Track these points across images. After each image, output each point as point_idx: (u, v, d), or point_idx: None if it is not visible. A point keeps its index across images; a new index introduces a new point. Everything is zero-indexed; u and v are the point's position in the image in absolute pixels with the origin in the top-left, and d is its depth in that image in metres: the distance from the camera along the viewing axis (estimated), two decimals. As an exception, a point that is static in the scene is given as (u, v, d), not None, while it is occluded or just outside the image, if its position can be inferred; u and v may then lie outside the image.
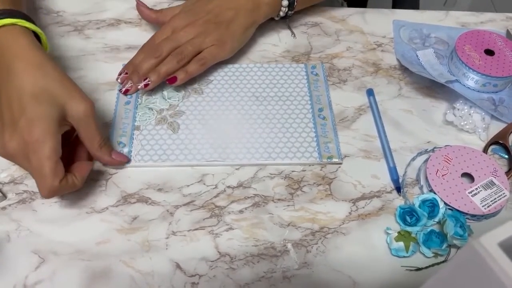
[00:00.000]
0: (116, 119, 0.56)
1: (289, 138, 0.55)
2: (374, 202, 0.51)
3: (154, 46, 0.58)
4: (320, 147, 0.54)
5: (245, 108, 0.58)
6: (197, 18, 0.59)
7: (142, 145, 0.54)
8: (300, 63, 0.63)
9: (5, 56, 0.45)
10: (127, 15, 0.68)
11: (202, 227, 0.49)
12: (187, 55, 0.57)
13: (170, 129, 0.55)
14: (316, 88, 0.60)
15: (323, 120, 0.57)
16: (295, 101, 0.59)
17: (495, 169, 0.52)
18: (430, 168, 0.52)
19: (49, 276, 0.45)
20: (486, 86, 0.61)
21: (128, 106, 0.57)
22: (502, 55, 0.62)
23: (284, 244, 0.48)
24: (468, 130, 0.58)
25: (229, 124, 0.56)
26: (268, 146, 0.54)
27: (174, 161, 0.53)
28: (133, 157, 0.53)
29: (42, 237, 0.47)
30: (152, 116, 0.56)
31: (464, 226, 0.47)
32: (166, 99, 0.58)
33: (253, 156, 0.53)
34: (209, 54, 0.58)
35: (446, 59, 0.65)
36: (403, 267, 0.47)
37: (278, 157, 0.53)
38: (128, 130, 0.55)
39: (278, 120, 0.57)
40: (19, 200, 0.49)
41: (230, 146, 0.54)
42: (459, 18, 0.72)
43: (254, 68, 0.62)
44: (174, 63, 0.56)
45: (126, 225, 0.48)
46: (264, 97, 0.59)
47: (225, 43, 0.59)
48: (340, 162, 0.54)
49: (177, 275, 0.45)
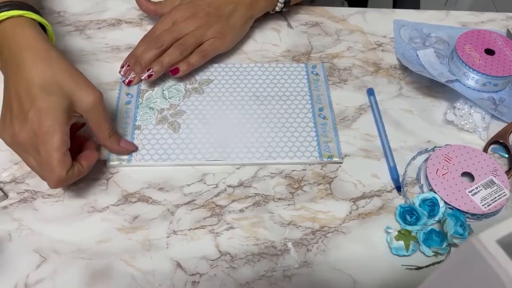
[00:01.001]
0: (117, 118, 0.56)
1: (290, 138, 0.55)
2: (375, 201, 0.51)
3: (155, 37, 0.58)
4: (321, 147, 0.54)
5: (246, 107, 0.58)
6: (198, 10, 0.59)
7: (143, 145, 0.54)
8: (300, 62, 0.63)
9: (12, 48, 0.45)
10: (128, 15, 0.68)
11: (202, 226, 0.49)
12: (189, 47, 0.58)
13: (171, 129, 0.55)
14: (316, 87, 0.60)
15: (323, 119, 0.57)
16: (295, 100, 0.59)
17: (495, 168, 0.52)
18: (430, 167, 0.52)
19: (50, 275, 0.45)
20: (486, 86, 0.61)
21: (129, 106, 0.57)
22: (502, 54, 0.62)
23: (285, 243, 0.48)
24: (468, 130, 0.58)
25: (230, 124, 0.56)
26: (269, 146, 0.54)
27: (174, 160, 0.53)
28: (134, 156, 0.53)
29: (43, 236, 0.47)
30: (152, 116, 0.56)
31: (464, 225, 0.47)
32: (166, 98, 0.58)
33: (253, 155, 0.53)
34: (210, 46, 0.59)
35: (446, 58, 0.65)
36: (403, 266, 0.47)
37: (278, 156, 0.53)
38: (129, 130, 0.55)
39: (279, 120, 0.57)
40: (20, 199, 0.50)
41: (231, 146, 0.54)
42: (460, 18, 0.72)
43: (254, 67, 0.62)
44: (177, 54, 0.57)
45: (127, 224, 0.48)
46: (265, 96, 0.59)
47: (225, 36, 0.60)
48: (341, 162, 0.54)
49: (178, 274, 0.45)
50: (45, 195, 0.50)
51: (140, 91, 0.59)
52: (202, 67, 0.61)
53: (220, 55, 0.62)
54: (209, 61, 0.61)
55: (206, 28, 0.58)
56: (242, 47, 0.65)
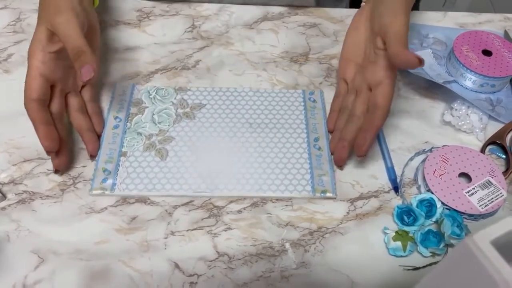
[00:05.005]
0: (103, 144, 0.54)
1: (282, 169, 0.53)
2: (372, 202, 0.52)
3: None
4: (314, 180, 0.52)
5: (238, 135, 0.55)
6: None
7: (128, 173, 0.52)
8: (297, 89, 0.61)
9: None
10: (126, 16, 0.68)
11: (200, 227, 0.49)
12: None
13: (158, 156, 0.53)
14: (313, 115, 0.58)
15: (318, 150, 0.54)
16: (290, 129, 0.56)
17: (493, 169, 0.52)
18: (427, 168, 0.52)
19: (49, 276, 0.45)
20: (484, 87, 0.61)
21: (116, 131, 0.55)
22: (499, 55, 0.62)
23: (282, 244, 0.48)
24: (465, 130, 0.58)
25: (220, 152, 0.54)
26: (259, 178, 0.52)
27: (160, 190, 0.50)
28: (118, 185, 0.50)
29: (41, 237, 0.47)
30: (140, 142, 0.54)
31: (461, 225, 0.48)
32: (156, 123, 0.56)
33: (243, 187, 0.51)
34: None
35: (444, 59, 0.65)
36: (401, 266, 0.47)
37: (269, 189, 0.51)
38: (115, 157, 0.53)
39: (272, 149, 0.54)
40: (18, 200, 0.50)
41: (219, 176, 0.52)
42: (457, 19, 0.72)
43: (249, 92, 0.60)
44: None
45: (125, 225, 0.49)
46: (258, 124, 0.57)
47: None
48: (334, 197, 0.51)
49: (176, 274, 0.46)
50: (44, 196, 0.50)
51: (129, 115, 0.57)
52: (196, 90, 0.59)
53: (217, 73, 0.62)
54: (203, 84, 0.60)
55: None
56: (240, 49, 0.65)
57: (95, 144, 0.53)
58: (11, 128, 0.55)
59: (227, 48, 0.65)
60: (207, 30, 0.67)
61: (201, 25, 0.68)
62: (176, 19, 0.68)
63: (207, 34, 0.67)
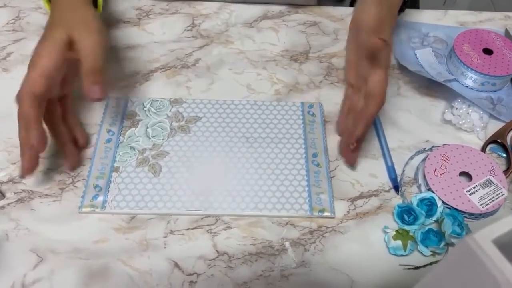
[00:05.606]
0: (94, 158, 0.52)
1: (279, 187, 0.51)
2: (372, 201, 0.51)
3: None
4: (312, 199, 0.50)
5: (234, 150, 0.54)
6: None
7: (120, 189, 0.50)
8: (296, 102, 0.59)
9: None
10: (126, 15, 0.68)
11: (200, 226, 0.49)
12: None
13: (151, 172, 0.51)
14: (311, 130, 0.56)
15: (316, 167, 0.53)
16: (288, 144, 0.54)
17: (493, 167, 0.52)
18: (428, 167, 0.52)
19: (48, 274, 0.45)
20: (485, 85, 0.61)
21: (109, 145, 0.53)
22: (500, 54, 0.62)
23: (282, 243, 0.48)
24: (466, 129, 0.58)
25: (215, 169, 0.52)
26: (255, 195, 0.50)
27: (152, 209, 0.49)
28: (109, 203, 0.49)
29: (40, 236, 0.47)
30: (133, 157, 0.52)
31: (462, 224, 0.47)
32: (150, 137, 0.54)
33: (238, 205, 0.49)
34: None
35: (444, 58, 0.65)
36: (401, 265, 0.47)
37: (265, 208, 0.49)
38: (106, 172, 0.51)
39: (268, 165, 0.52)
40: (17, 199, 0.50)
41: (214, 194, 0.50)
42: (458, 17, 0.72)
43: (246, 105, 0.58)
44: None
45: (124, 224, 0.48)
46: (255, 138, 0.55)
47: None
48: (333, 217, 0.50)
49: (175, 273, 0.45)
50: (42, 195, 0.50)
51: (122, 128, 0.55)
52: (191, 102, 0.58)
53: (217, 71, 0.61)
54: (199, 96, 0.59)
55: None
56: (240, 47, 0.65)
57: (76, 157, 0.52)
58: (10, 127, 0.55)
59: (227, 46, 0.65)
60: (207, 29, 0.67)
61: (201, 23, 0.68)
62: (176, 18, 0.68)
63: (207, 33, 0.67)
